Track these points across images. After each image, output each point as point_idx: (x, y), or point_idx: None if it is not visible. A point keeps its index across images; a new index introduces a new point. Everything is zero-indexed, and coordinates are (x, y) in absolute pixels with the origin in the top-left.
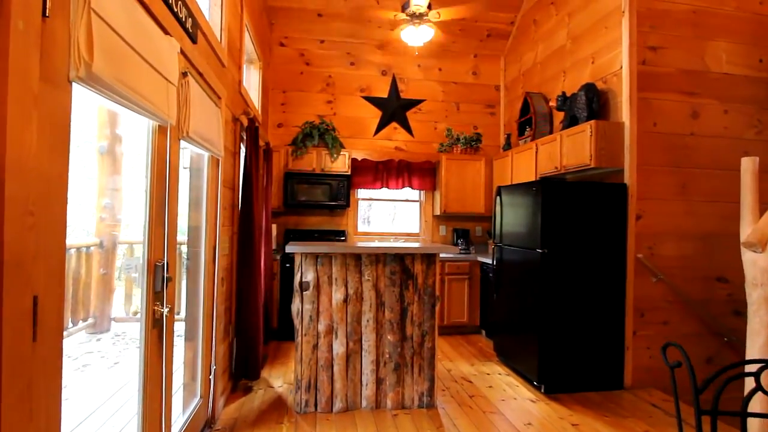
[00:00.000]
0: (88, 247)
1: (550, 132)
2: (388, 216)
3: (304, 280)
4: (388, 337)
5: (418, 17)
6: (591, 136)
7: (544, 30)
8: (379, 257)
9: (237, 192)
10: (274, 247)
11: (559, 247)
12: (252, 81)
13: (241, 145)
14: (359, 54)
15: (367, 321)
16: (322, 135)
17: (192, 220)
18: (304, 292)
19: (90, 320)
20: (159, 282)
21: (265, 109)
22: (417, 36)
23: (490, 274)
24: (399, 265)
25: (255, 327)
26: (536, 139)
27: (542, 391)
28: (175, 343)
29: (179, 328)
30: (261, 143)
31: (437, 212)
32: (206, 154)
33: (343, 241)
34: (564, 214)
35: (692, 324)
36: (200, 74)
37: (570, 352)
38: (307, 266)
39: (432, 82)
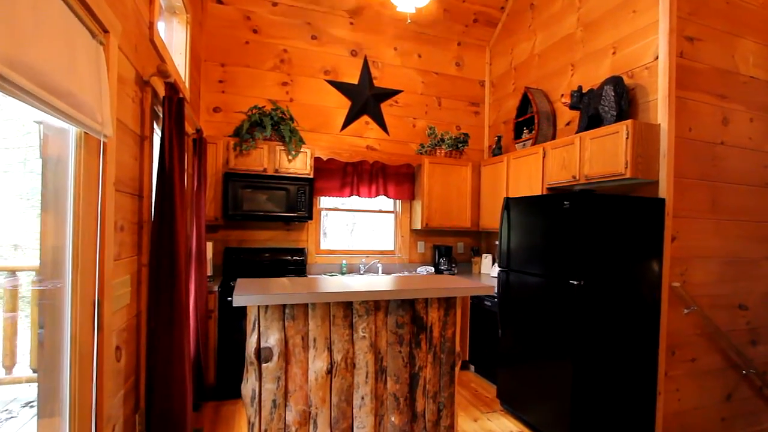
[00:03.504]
0: None
1: (554, 135)
2: (347, 227)
3: (263, 345)
4: (392, 419)
5: None
6: (627, 139)
7: (546, 16)
8: (379, 304)
9: (148, 200)
10: (209, 273)
11: (597, 277)
12: (175, 41)
13: (156, 127)
14: (323, 25)
15: (362, 399)
16: (276, 125)
17: (49, 240)
18: (263, 365)
19: None
20: None
21: (196, 85)
22: None
23: (486, 302)
24: (408, 312)
25: (180, 414)
26: (539, 141)
27: None
28: None
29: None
30: (189, 129)
31: (417, 226)
32: (72, 130)
33: (301, 262)
34: (602, 237)
35: (715, 358)
36: None
37: (604, 404)
38: (269, 323)
39: (410, 69)
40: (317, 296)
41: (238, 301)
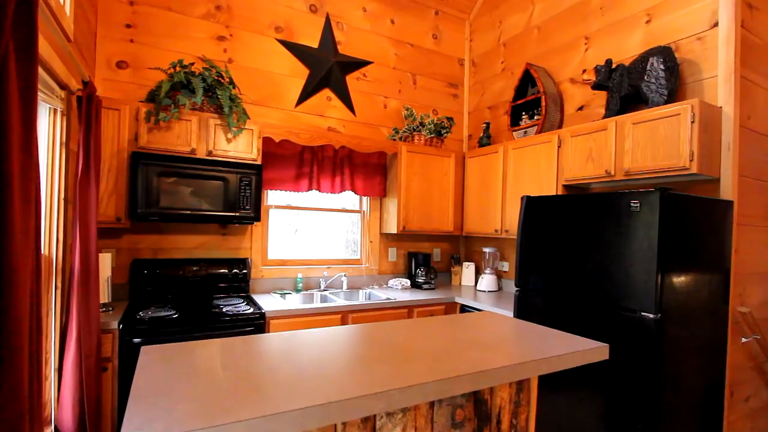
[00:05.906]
0: None
1: (561, 121)
2: (290, 227)
3: None
4: None
5: None
6: (693, 123)
7: None
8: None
9: None
10: (105, 300)
11: (675, 307)
12: None
13: None
14: None
15: None
16: (210, 89)
17: None
18: None
19: None
20: None
21: (89, 24)
22: None
23: None
24: (470, 399)
25: None
26: (546, 129)
27: None
28: None
29: None
30: (72, 82)
31: (390, 229)
32: None
33: (243, 277)
34: (676, 251)
35: (764, 393)
36: None
37: None
38: None
39: (382, 37)
40: (323, 414)
41: None
